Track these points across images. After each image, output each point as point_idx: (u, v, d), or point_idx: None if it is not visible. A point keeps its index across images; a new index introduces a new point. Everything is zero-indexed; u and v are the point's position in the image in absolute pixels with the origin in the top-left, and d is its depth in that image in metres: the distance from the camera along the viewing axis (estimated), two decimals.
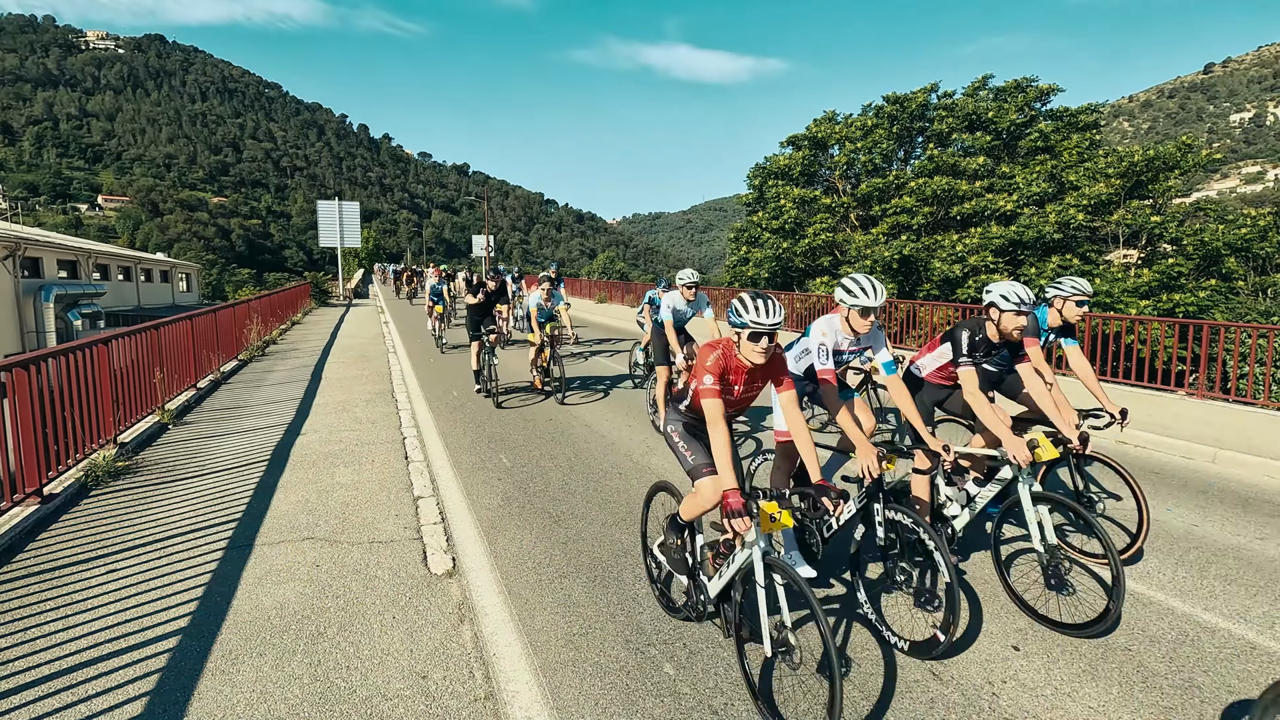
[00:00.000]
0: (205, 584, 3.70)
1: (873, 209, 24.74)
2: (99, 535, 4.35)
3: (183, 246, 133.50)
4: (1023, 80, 24.05)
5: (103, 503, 4.96)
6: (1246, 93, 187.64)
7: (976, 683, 2.93)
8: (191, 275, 50.69)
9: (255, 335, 14.05)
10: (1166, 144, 21.48)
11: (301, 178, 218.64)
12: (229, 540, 4.29)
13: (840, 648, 3.15)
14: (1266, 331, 9.58)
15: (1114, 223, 20.63)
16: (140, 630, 3.23)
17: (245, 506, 4.89)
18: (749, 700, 2.76)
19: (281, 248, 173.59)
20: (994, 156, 23.70)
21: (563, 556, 4.10)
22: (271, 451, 6.34)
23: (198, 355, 9.52)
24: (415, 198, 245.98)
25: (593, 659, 3.05)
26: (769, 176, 27.57)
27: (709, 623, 3.32)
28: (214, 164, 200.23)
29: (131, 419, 6.80)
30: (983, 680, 2.95)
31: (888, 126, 25.35)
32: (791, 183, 26.79)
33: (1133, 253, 21.12)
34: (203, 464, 5.95)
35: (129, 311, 32.70)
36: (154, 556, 4.02)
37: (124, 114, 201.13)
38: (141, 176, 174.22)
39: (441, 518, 4.72)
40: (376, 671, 2.94)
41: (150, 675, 2.90)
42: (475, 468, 5.93)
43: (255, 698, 2.77)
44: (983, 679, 2.96)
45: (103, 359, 6.10)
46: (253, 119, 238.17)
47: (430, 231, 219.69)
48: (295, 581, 3.75)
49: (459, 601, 3.56)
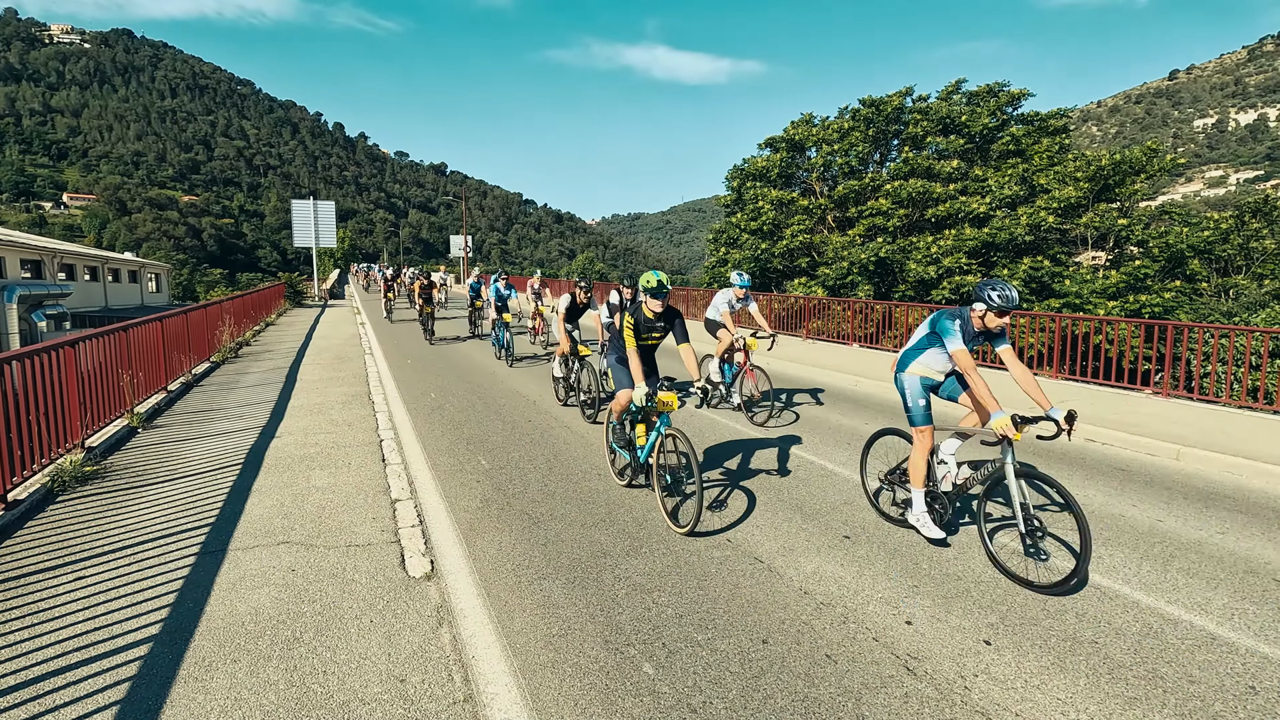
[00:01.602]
0: (177, 590, 3.64)
1: (849, 211, 25.06)
2: (67, 542, 4.25)
3: (152, 246, 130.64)
4: (995, 85, 24.57)
5: (70, 508, 4.85)
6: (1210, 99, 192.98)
7: (949, 676, 2.99)
8: (161, 275, 49.62)
9: (228, 337, 13.81)
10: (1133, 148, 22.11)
11: (275, 176, 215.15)
12: (202, 545, 4.22)
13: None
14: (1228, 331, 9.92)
15: (1083, 225, 21.15)
16: (110, 638, 3.16)
17: (219, 511, 4.81)
18: (727, 697, 2.81)
19: (255, 247, 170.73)
20: (967, 160, 24.19)
21: (542, 557, 4.10)
22: (245, 455, 6.24)
23: (168, 357, 9.34)
24: (392, 197, 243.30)
25: (572, 660, 3.06)
26: (747, 178, 27.80)
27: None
28: (184, 162, 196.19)
29: (99, 422, 6.65)
30: (955, 674, 3.01)
31: (864, 129, 25.70)
32: (769, 184, 27.03)
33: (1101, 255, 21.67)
34: (174, 468, 5.84)
35: (96, 313, 31.92)
36: (124, 563, 3.95)
37: (90, 110, 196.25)
38: (109, 174, 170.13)
39: (420, 520, 4.70)
40: (354, 676, 2.92)
41: (121, 684, 2.85)
42: (454, 470, 5.90)
43: (229, 704, 2.73)
44: (955, 673, 3.02)
45: (69, 361, 5.96)
46: (224, 116, 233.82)
47: (407, 231, 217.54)
48: (270, 586, 3.71)
49: (438, 604, 3.54)
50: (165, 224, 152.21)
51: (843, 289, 23.12)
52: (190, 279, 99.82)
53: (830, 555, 4.20)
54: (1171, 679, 2.96)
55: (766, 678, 2.95)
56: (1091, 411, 7.86)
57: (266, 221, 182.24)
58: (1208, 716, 2.72)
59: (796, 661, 3.08)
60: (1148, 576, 3.97)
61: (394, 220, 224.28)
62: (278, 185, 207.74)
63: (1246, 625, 3.43)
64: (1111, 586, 3.82)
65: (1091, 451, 6.68)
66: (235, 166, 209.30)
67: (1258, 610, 3.59)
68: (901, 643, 3.24)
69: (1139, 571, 4.04)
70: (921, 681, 2.95)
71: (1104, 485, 5.65)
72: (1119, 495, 5.40)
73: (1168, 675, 2.99)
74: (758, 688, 2.89)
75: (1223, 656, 3.16)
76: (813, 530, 4.59)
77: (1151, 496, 5.38)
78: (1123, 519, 4.85)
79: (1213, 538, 4.56)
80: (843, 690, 2.89)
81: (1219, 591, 3.79)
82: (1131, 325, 13.50)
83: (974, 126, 23.91)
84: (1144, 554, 4.29)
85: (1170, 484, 5.73)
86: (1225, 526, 4.77)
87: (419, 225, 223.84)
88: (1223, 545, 4.43)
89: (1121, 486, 5.60)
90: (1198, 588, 3.84)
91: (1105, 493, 5.46)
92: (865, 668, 3.04)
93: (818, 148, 26.51)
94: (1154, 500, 5.30)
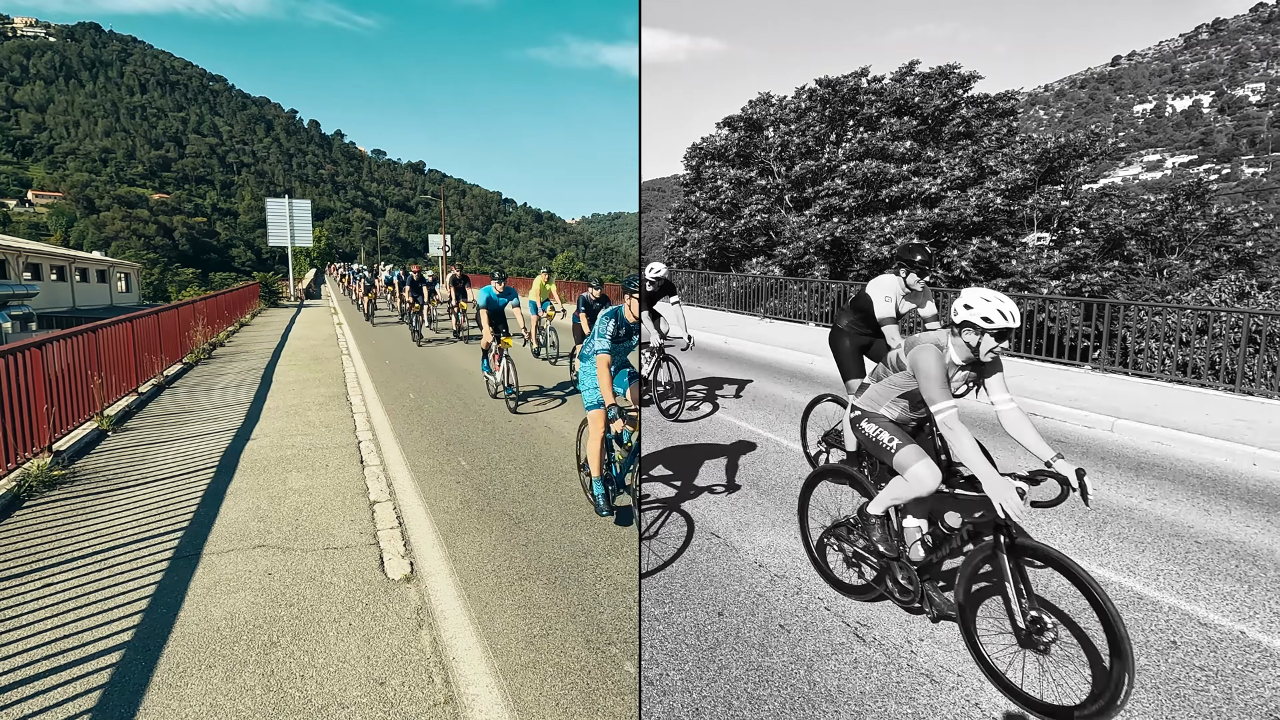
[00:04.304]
0: (150, 596, 3.58)
1: (806, 191, 25.27)
2: (33, 548, 4.16)
3: (121, 245, 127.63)
4: (946, 67, 24.90)
5: (37, 514, 4.74)
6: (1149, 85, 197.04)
7: (897, 642, 3.20)
8: (131, 275, 48.59)
9: (201, 337, 13.57)
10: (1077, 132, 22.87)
11: (249, 174, 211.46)
12: (175, 550, 4.15)
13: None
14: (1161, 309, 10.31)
15: (1029, 207, 21.77)
16: (80, 646, 3.10)
17: (192, 515, 4.73)
18: (683, 669, 2.88)
19: (228, 247, 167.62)
20: (920, 141, 24.56)
21: (523, 558, 4.10)
22: (220, 458, 6.14)
23: (139, 359, 9.15)
24: (369, 196, 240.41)
25: (553, 659, 3.06)
26: (706, 157, 27.86)
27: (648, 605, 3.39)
28: (154, 159, 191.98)
29: (68, 426, 6.50)
30: (902, 639, 3.22)
31: (820, 109, 25.88)
32: (728, 164, 27.10)
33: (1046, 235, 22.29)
34: (146, 472, 5.73)
35: (64, 313, 31.18)
36: (94, 569, 3.87)
37: (56, 105, 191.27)
38: (76, 171, 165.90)
39: (399, 522, 4.66)
40: (332, 680, 2.89)
41: (91, 692, 2.79)
42: (433, 471, 5.86)
43: (204, 711, 2.70)
44: (902, 638, 3.23)
45: (35, 363, 5.82)
46: (196, 112, 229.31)
47: (385, 230, 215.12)
48: (246, 591, 3.66)
49: (417, 606, 3.52)
50: (135, 222, 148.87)
51: (799, 269, 23.39)
52: (162, 279, 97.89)
53: (784, 529, 4.41)
54: (1099, 637, 3.05)
55: (722, 649, 3.08)
56: (1035, 386, 8.35)
57: (240, 220, 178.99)
58: None
59: (751, 632, 3.23)
60: (1082, 542, 4.27)
61: (371, 219, 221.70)
62: (252, 183, 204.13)
63: (1170, 585, 3.74)
64: None
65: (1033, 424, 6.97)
66: (208, 164, 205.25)
67: (1180, 571, 3.90)
68: (852, 612, 3.44)
69: (1074, 537, 4.34)
70: (870, 647, 3.15)
71: None
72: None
73: (1095, 633, 3.11)
74: (713, 659, 3.03)
75: (1148, 614, 3.43)
76: (767, 505, 4.78)
77: (1087, 466, 5.70)
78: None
79: (1141, 504, 4.92)
80: (795, 658, 3.02)
81: (1146, 554, 4.10)
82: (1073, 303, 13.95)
83: (926, 108, 24.27)
84: (1078, 521, 4.59)
85: (1105, 454, 6.11)
86: (1154, 494, 5.13)
87: (397, 224, 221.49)
88: (1150, 511, 4.78)
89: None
90: (1127, 551, 4.14)
91: None
92: (817, 636, 3.21)
93: (775, 127, 26.62)
94: (1089, 470, 5.60)
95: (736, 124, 27.49)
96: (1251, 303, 14.86)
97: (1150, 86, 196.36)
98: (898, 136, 24.00)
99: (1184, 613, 3.46)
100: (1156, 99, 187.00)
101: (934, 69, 25.08)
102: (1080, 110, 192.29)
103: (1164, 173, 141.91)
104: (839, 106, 25.67)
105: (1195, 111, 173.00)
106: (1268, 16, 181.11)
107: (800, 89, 26.84)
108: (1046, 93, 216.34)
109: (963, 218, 21.56)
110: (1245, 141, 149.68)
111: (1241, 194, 70.47)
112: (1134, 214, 21.66)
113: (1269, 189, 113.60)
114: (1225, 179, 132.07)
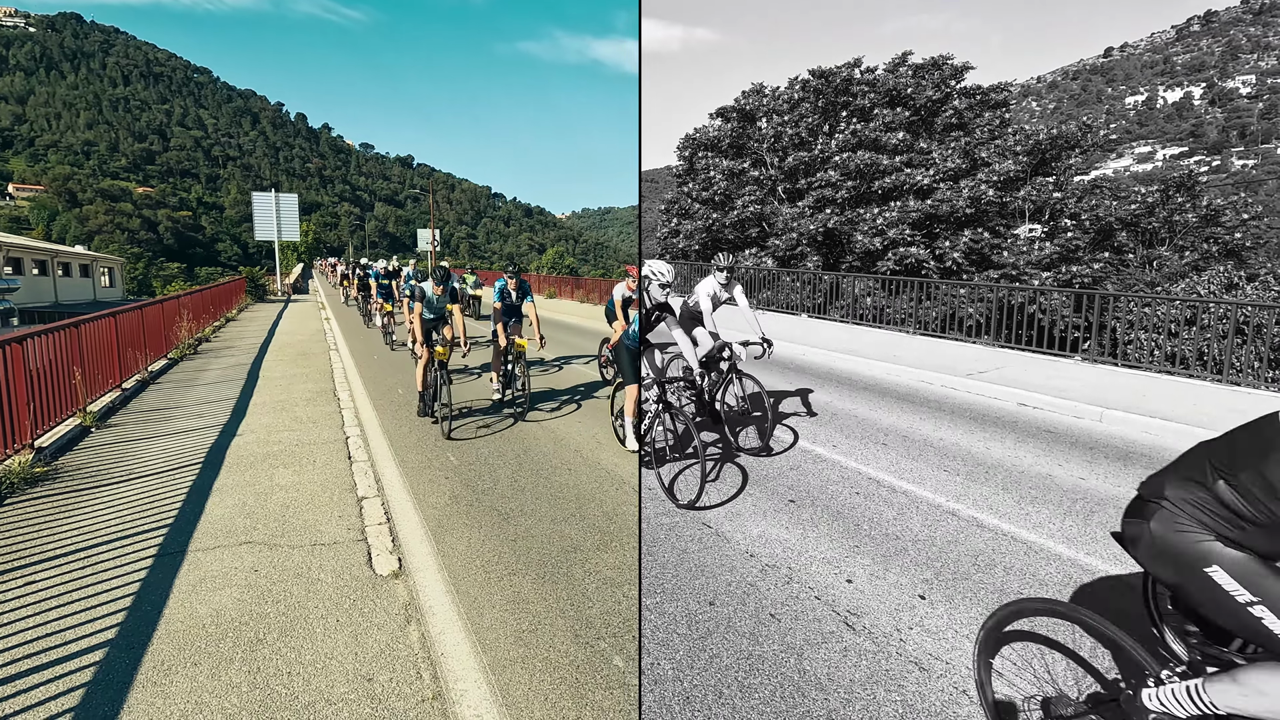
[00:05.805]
0: (134, 593, 3.54)
1: (799, 182, 25.27)
2: (15, 546, 4.10)
3: (105, 239, 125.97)
4: (939, 58, 24.90)
5: (19, 511, 4.68)
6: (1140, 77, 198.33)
7: (886, 630, 3.22)
8: (115, 270, 47.92)
9: (186, 333, 13.42)
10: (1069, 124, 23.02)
11: (235, 168, 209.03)
12: (160, 547, 4.11)
13: None
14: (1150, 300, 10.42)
15: (1021, 198, 21.90)
16: (63, 644, 3.07)
17: (177, 511, 4.69)
18: (674, 658, 2.89)
19: (214, 241, 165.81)
20: (912, 132, 24.59)
21: (511, 553, 4.09)
22: (206, 454, 6.09)
23: (123, 354, 9.04)
24: (357, 190, 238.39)
25: (542, 655, 3.06)
26: (699, 148, 27.79)
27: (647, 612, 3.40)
28: (138, 152, 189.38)
29: (50, 422, 6.42)
30: (891, 627, 3.24)
31: (813, 100, 25.81)
32: (721, 154, 27.03)
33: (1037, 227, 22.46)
34: (130, 468, 5.67)
35: (46, 308, 30.74)
36: (77, 566, 3.82)
37: (37, 97, 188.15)
38: (57, 164, 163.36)
39: (387, 518, 4.64)
40: (320, 676, 2.88)
41: (74, 690, 2.76)
42: (421, 466, 5.83)
43: (190, 709, 2.67)
44: (892, 626, 3.25)
45: (17, 359, 5.74)
46: (180, 105, 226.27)
47: (373, 225, 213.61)
48: (232, 587, 3.63)
49: (405, 602, 3.51)
50: (119, 216, 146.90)
51: (792, 260, 23.45)
52: (146, 273, 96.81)
53: (775, 519, 4.42)
54: None
55: (713, 638, 3.10)
56: (1025, 377, 8.42)
57: (227, 214, 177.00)
58: None
59: (742, 621, 3.25)
60: (1070, 530, 4.33)
61: (359, 214, 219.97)
62: (238, 177, 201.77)
63: None
64: (1038, 541, 4.15)
65: (1023, 415, 7.12)
66: (193, 157, 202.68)
67: None
68: (842, 600, 3.45)
69: (1063, 527, 4.39)
70: (860, 636, 3.17)
71: (1034, 447, 6.07)
72: (1046, 455, 5.82)
73: None
74: (704, 648, 3.05)
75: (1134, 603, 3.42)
76: (759, 495, 4.81)
77: (1076, 457, 5.78)
78: (1050, 478, 5.24)
79: (1129, 494, 4.88)
80: (785, 647, 3.04)
81: None
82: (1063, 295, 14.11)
83: (919, 99, 24.29)
84: (1067, 510, 4.65)
85: (1093, 444, 6.17)
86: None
87: (385, 218, 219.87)
88: None
89: (1049, 448, 6.02)
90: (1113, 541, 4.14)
91: (1034, 454, 5.87)
92: (807, 624, 3.23)
93: (768, 118, 26.53)
94: (1078, 460, 5.69)
95: (729, 114, 27.36)
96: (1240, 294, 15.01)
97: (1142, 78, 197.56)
98: (890, 128, 23.99)
99: None
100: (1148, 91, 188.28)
101: (927, 60, 24.97)
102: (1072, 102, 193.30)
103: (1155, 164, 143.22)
104: (832, 97, 25.58)
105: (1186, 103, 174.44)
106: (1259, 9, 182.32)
107: (793, 80, 26.66)
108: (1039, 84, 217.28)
109: (955, 209, 21.61)
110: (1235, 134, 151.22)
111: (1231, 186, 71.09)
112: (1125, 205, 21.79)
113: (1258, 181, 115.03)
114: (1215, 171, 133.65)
